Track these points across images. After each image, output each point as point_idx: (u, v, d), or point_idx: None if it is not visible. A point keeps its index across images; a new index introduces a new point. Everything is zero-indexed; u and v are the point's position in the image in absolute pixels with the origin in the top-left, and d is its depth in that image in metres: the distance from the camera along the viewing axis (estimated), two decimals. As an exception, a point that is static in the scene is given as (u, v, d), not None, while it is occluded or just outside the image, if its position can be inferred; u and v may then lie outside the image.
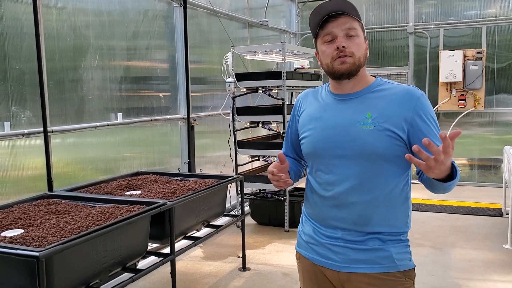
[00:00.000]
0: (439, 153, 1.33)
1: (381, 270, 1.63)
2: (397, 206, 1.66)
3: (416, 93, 1.63)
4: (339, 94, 1.71)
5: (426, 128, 1.59)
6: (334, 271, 1.68)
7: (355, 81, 1.67)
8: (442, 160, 1.34)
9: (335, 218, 1.68)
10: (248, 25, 6.68)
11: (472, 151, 7.46)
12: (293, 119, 1.88)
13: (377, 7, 7.79)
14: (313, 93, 1.84)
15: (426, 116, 1.60)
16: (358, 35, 1.64)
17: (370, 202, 1.62)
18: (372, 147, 1.57)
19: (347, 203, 1.65)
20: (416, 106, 1.60)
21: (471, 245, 4.71)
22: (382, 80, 1.72)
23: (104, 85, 4.09)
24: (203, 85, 5.68)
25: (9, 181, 3.27)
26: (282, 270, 4.15)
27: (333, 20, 1.63)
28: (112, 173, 4.10)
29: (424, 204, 6.27)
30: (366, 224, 1.64)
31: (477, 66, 7.01)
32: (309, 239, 1.77)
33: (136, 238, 2.78)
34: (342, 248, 1.66)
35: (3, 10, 3.22)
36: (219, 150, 5.82)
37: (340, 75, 1.65)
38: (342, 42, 1.61)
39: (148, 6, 4.65)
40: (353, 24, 1.63)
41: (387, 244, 1.64)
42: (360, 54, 1.63)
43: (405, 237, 1.70)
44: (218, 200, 3.75)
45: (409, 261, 1.67)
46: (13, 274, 2.18)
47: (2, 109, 3.21)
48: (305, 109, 1.81)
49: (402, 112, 1.60)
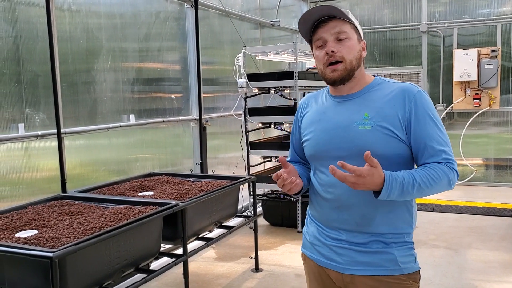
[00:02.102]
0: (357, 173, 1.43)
1: (385, 273, 1.62)
2: (399, 206, 1.64)
3: (412, 90, 1.62)
4: (338, 96, 1.72)
5: (422, 126, 1.58)
6: (338, 273, 1.68)
7: (352, 83, 1.68)
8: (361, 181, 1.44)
9: (338, 219, 1.68)
10: (260, 26, 6.67)
11: (488, 151, 7.36)
12: (296, 123, 1.90)
13: (389, 6, 7.73)
14: (315, 96, 1.85)
15: (422, 113, 1.59)
16: (349, 37, 1.64)
17: (371, 202, 1.60)
18: (370, 147, 1.56)
19: (349, 205, 1.64)
20: (412, 104, 1.59)
21: (487, 246, 4.64)
22: (381, 79, 1.72)
23: (117, 87, 4.12)
24: (215, 86, 5.69)
25: (23, 183, 3.30)
26: (295, 271, 4.13)
27: (323, 25, 1.64)
28: (124, 174, 4.12)
29: (439, 205, 6.20)
30: (369, 225, 1.63)
31: (492, 64, 6.92)
32: (314, 240, 1.78)
33: (149, 239, 2.79)
34: (346, 250, 1.66)
35: (17, 13, 3.26)
36: (231, 151, 5.82)
37: (332, 82, 1.67)
38: (331, 47, 1.62)
39: (160, 8, 4.67)
40: (343, 27, 1.63)
41: (390, 247, 1.63)
42: (351, 57, 1.63)
43: (410, 239, 1.69)
44: (231, 201, 3.75)
45: (413, 264, 1.66)
46: (27, 274, 2.19)
47: (16, 111, 3.24)
48: (306, 112, 1.83)
49: (398, 110, 1.59)
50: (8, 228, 2.56)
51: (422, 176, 1.53)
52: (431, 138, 1.58)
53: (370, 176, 1.44)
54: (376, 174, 1.45)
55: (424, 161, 1.59)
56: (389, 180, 1.47)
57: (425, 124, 1.58)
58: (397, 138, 1.58)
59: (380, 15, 7.75)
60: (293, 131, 1.92)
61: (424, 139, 1.58)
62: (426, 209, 5.99)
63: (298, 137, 1.88)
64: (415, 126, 1.58)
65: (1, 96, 3.15)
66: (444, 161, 1.57)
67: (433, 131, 1.58)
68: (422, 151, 1.59)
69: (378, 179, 1.46)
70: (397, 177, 1.49)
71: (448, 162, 1.57)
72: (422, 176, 1.53)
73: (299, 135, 1.87)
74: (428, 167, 1.56)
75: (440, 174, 1.55)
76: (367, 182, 1.44)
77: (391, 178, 1.48)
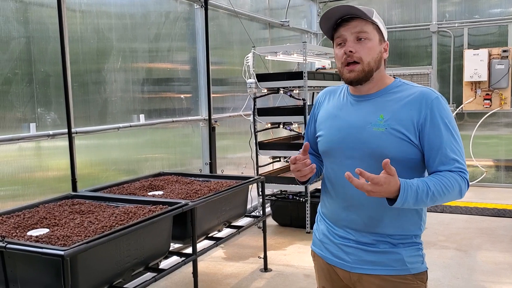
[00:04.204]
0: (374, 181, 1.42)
1: (393, 272, 1.63)
2: (409, 209, 1.62)
3: (430, 95, 1.59)
4: (356, 95, 1.72)
5: (436, 132, 1.57)
6: (346, 271, 1.70)
7: (370, 84, 1.67)
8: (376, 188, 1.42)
9: (346, 219, 1.69)
10: (269, 26, 6.67)
11: (498, 152, 7.30)
12: (312, 116, 1.89)
13: (399, 6, 7.70)
14: (333, 91, 1.84)
15: (438, 120, 1.57)
16: (370, 38, 1.62)
17: (381, 204, 1.59)
18: (382, 149, 1.56)
19: (358, 205, 1.65)
20: (428, 109, 1.57)
21: (498, 247, 4.61)
22: (401, 81, 1.70)
23: (127, 87, 4.14)
24: (224, 86, 5.70)
25: (34, 182, 3.33)
26: (304, 272, 4.13)
27: (345, 23, 1.63)
28: (134, 174, 4.15)
29: (449, 206, 6.17)
30: (377, 226, 1.64)
31: (503, 65, 6.86)
32: (323, 238, 1.79)
33: (159, 238, 2.80)
34: (354, 249, 1.67)
35: (29, 14, 3.29)
36: (240, 151, 5.83)
37: (349, 82, 1.67)
38: (350, 46, 1.61)
39: (169, 8, 4.69)
40: (365, 27, 1.61)
41: (398, 247, 1.64)
42: (369, 58, 1.61)
43: (418, 239, 1.69)
44: (240, 201, 3.76)
45: (421, 264, 1.67)
46: (39, 272, 2.22)
47: (28, 111, 3.28)
48: (323, 107, 1.83)
49: (414, 114, 1.58)
50: (20, 226, 2.59)
51: (436, 184, 1.51)
52: (444, 146, 1.56)
53: (387, 184, 1.42)
54: (393, 182, 1.43)
55: (436, 168, 1.57)
56: (404, 188, 1.45)
57: (440, 131, 1.57)
58: (410, 142, 1.58)
59: (390, 15, 7.72)
60: (309, 124, 1.92)
61: (438, 146, 1.56)
62: (436, 210, 5.96)
63: (313, 131, 1.88)
64: (429, 131, 1.57)
65: (13, 96, 3.18)
66: (456, 169, 1.55)
67: (447, 138, 1.57)
68: (434, 157, 1.57)
69: (394, 187, 1.44)
70: (412, 185, 1.47)
71: (461, 171, 1.56)
72: (435, 185, 1.51)
73: (314, 129, 1.87)
74: (441, 175, 1.54)
75: (453, 182, 1.53)
76: (383, 190, 1.43)
77: (406, 186, 1.46)
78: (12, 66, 3.17)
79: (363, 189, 1.43)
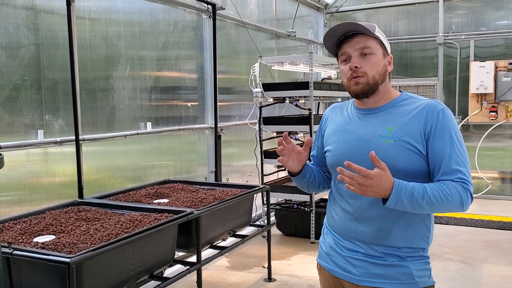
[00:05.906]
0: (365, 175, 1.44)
1: (400, 286, 1.63)
2: (417, 221, 1.65)
3: (436, 107, 1.62)
4: (363, 108, 1.74)
5: (441, 143, 1.58)
6: (353, 284, 1.69)
7: (376, 97, 1.70)
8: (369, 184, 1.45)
9: (355, 231, 1.69)
10: (276, 36, 6.70)
11: (504, 164, 7.27)
12: (319, 132, 1.93)
13: (406, 17, 7.72)
14: (340, 107, 1.87)
15: (443, 130, 1.58)
16: (374, 53, 1.65)
17: (389, 216, 1.61)
18: (391, 161, 1.56)
19: (367, 217, 1.65)
20: (434, 120, 1.59)
21: (503, 261, 4.57)
22: (408, 94, 1.73)
23: (134, 95, 4.17)
24: (231, 95, 5.73)
25: (41, 188, 3.35)
26: (308, 282, 4.11)
27: (348, 40, 1.67)
28: (140, 181, 4.16)
29: (453, 218, 6.14)
30: (385, 238, 1.64)
31: (509, 77, 6.85)
32: (330, 250, 1.79)
33: (164, 246, 2.81)
34: (362, 262, 1.67)
35: (39, 21, 3.32)
36: (245, 159, 5.83)
37: (356, 95, 1.69)
38: (355, 62, 1.65)
39: (178, 18, 4.73)
40: (368, 43, 1.64)
41: (406, 260, 1.64)
42: (374, 72, 1.65)
43: (426, 253, 1.69)
44: (244, 209, 3.76)
45: (428, 278, 1.67)
46: (44, 279, 2.22)
47: (36, 117, 3.30)
48: (331, 122, 1.85)
49: (421, 126, 1.60)
50: (27, 232, 2.60)
51: (434, 189, 1.52)
52: (448, 156, 1.57)
53: (377, 178, 1.44)
54: (384, 177, 1.45)
55: (438, 178, 1.58)
56: (398, 186, 1.47)
57: (444, 141, 1.58)
58: (419, 154, 1.59)
59: (396, 26, 7.74)
60: (316, 138, 1.95)
61: (442, 156, 1.57)
62: (441, 222, 5.93)
63: (320, 146, 1.91)
64: (433, 141, 1.58)
65: (22, 102, 3.21)
66: (459, 180, 1.55)
67: (452, 149, 1.57)
68: (438, 167, 1.58)
69: (387, 183, 1.46)
70: (407, 185, 1.50)
71: (463, 182, 1.56)
72: (433, 190, 1.52)
73: (321, 144, 1.90)
74: (441, 183, 1.55)
75: (453, 191, 1.53)
76: (375, 185, 1.44)
77: (400, 184, 1.48)
78: (21, 73, 3.20)
79: (354, 180, 1.45)
